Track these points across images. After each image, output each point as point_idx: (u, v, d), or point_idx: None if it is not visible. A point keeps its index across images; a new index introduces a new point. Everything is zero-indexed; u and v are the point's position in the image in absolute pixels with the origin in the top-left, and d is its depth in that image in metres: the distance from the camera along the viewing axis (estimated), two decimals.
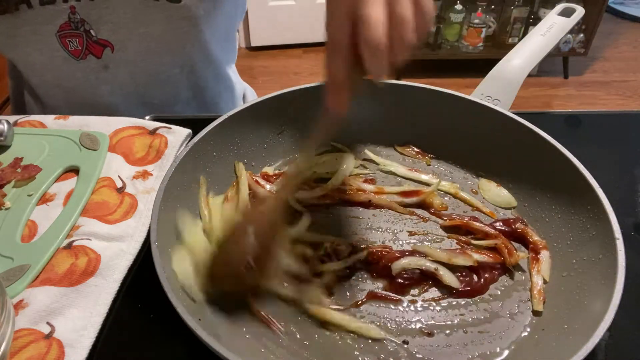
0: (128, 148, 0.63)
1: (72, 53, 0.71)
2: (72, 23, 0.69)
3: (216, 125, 0.56)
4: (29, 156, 0.60)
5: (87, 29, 0.70)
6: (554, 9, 0.67)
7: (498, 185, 0.59)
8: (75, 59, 0.72)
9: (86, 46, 0.71)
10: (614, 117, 0.78)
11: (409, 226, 0.56)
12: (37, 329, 0.43)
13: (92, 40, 0.71)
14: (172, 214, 0.49)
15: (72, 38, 0.70)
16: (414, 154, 0.64)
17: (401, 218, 0.57)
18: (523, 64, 0.61)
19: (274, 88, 0.60)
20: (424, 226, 0.56)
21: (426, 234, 0.55)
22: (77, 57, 0.72)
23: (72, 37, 0.70)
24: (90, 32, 0.70)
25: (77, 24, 0.69)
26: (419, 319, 0.47)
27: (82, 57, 0.72)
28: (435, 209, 0.57)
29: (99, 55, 0.73)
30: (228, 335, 0.45)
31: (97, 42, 0.71)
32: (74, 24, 0.69)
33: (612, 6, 3.15)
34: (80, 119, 0.67)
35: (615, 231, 0.44)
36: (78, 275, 0.47)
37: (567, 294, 0.47)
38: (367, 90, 0.63)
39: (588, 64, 2.72)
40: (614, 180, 0.61)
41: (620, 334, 0.44)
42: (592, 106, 2.45)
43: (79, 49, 0.71)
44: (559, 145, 0.52)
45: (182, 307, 0.39)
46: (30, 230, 0.53)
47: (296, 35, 2.86)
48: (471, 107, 0.59)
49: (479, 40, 2.48)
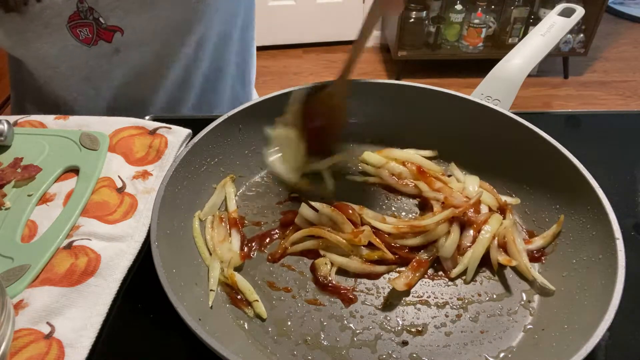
0: (128, 148, 0.63)
1: (84, 41, 0.72)
2: (81, 12, 0.69)
3: (216, 125, 0.56)
4: (29, 156, 0.60)
5: (96, 17, 0.70)
6: (554, 9, 0.67)
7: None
8: (87, 46, 0.73)
9: (96, 33, 0.72)
10: (614, 117, 0.78)
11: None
12: (37, 329, 0.43)
13: (102, 27, 0.72)
14: (172, 214, 0.49)
15: (82, 28, 0.71)
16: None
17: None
18: (523, 64, 0.61)
19: (274, 88, 0.60)
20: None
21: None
22: (88, 44, 0.73)
23: (82, 27, 0.71)
24: (99, 20, 0.71)
25: (85, 12, 0.70)
26: (418, 319, 0.47)
27: (93, 44, 0.73)
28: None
29: (110, 40, 0.73)
30: (228, 335, 0.45)
31: (106, 29, 0.72)
32: (82, 13, 0.69)
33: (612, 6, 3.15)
34: (80, 119, 0.67)
35: (615, 231, 0.44)
36: (78, 275, 0.47)
37: (567, 294, 0.47)
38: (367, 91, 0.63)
39: (588, 64, 2.72)
40: (614, 180, 0.61)
41: (620, 334, 0.44)
42: (592, 106, 2.45)
43: (90, 36, 0.72)
44: (559, 145, 0.52)
45: (182, 307, 0.39)
46: (30, 230, 0.53)
47: (296, 35, 2.86)
48: (471, 107, 0.59)
49: (479, 40, 2.48)
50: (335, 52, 2.83)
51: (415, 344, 0.45)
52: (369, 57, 2.79)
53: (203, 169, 0.56)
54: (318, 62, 2.79)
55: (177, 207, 0.51)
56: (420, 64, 2.53)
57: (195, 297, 0.47)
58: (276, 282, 0.50)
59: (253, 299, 0.48)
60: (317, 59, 2.82)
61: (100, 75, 0.77)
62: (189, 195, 0.54)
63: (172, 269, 0.44)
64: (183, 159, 0.52)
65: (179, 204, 0.51)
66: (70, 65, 0.75)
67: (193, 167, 0.54)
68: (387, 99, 0.63)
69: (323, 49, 2.86)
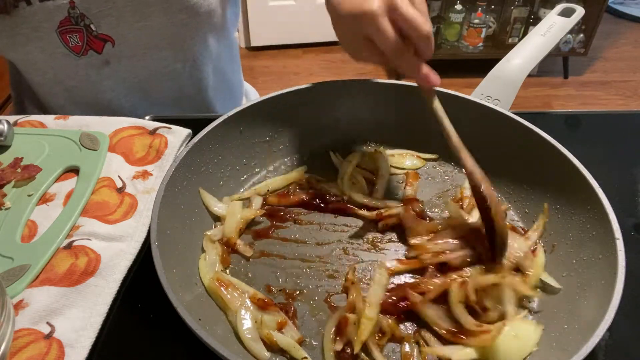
0: (128, 148, 0.63)
1: (73, 49, 0.71)
2: (72, 18, 0.69)
3: (216, 125, 0.56)
4: (29, 156, 0.60)
5: (87, 23, 0.70)
6: (554, 9, 0.67)
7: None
8: (76, 55, 0.72)
9: (87, 41, 0.71)
10: (614, 117, 0.78)
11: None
12: (37, 329, 0.43)
13: (93, 35, 0.71)
14: (172, 214, 0.49)
15: (72, 34, 0.70)
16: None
17: None
18: (523, 64, 0.61)
19: (274, 88, 0.60)
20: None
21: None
22: (77, 53, 0.72)
23: (72, 33, 0.70)
24: (90, 26, 0.70)
25: (77, 18, 0.69)
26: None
27: (83, 53, 0.72)
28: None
29: (100, 51, 0.73)
30: (228, 336, 0.45)
31: (97, 37, 0.71)
32: (74, 19, 0.69)
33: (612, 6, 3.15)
34: (80, 119, 0.67)
35: (615, 231, 0.44)
36: (78, 275, 0.47)
37: (567, 294, 0.47)
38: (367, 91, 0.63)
39: (588, 64, 2.72)
40: (614, 180, 0.61)
41: (620, 334, 0.44)
42: (592, 106, 2.44)
43: (80, 44, 0.71)
44: (559, 145, 0.52)
45: (182, 307, 0.39)
46: (30, 230, 0.53)
47: (296, 35, 2.86)
48: (471, 107, 0.59)
49: (479, 40, 2.48)
50: (335, 52, 2.83)
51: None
52: None
53: (203, 169, 0.56)
54: (318, 62, 2.79)
55: (177, 207, 0.51)
56: None
57: (195, 297, 0.47)
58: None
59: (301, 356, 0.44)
60: (316, 59, 2.82)
61: (89, 86, 0.76)
62: (189, 195, 0.54)
63: (172, 269, 0.44)
64: (183, 159, 0.52)
65: (179, 204, 0.51)
66: (57, 73, 0.74)
67: (193, 167, 0.54)
68: (387, 99, 0.63)
69: (323, 49, 2.86)
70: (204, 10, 0.74)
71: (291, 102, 0.61)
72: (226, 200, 0.57)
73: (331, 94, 0.63)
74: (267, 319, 0.45)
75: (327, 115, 0.64)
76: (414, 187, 0.60)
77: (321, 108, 0.63)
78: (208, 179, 0.57)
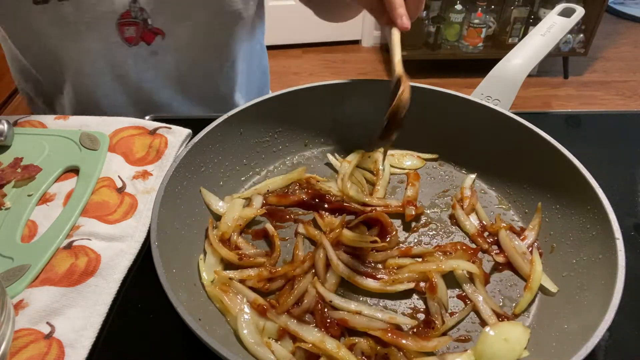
0: (128, 148, 0.63)
1: (127, 40, 0.73)
2: (133, 11, 0.71)
3: (216, 125, 0.56)
4: (29, 156, 0.60)
5: (145, 17, 0.72)
6: (554, 9, 0.67)
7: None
8: (128, 45, 0.74)
9: (141, 34, 0.73)
10: (614, 117, 0.78)
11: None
12: (37, 329, 0.43)
13: (147, 28, 0.73)
14: (172, 214, 0.49)
15: (129, 26, 0.72)
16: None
17: None
18: (523, 64, 0.61)
19: (274, 88, 0.60)
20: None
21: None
22: (130, 43, 0.74)
23: (129, 26, 0.72)
24: (147, 20, 0.72)
25: (137, 12, 0.71)
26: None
27: (135, 44, 0.74)
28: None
29: (150, 42, 0.75)
30: (228, 336, 0.45)
31: (151, 30, 0.73)
32: (134, 12, 0.71)
33: (612, 6, 3.15)
34: (80, 119, 0.67)
35: (615, 231, 0.44)
36: (78, 275, 0.47)
37: (567, 294, 0.47)
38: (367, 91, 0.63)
39: (588, 64, 2.72)
40: (614, 180, 0.61)
41: (620, 334, 0.44)
42: (592, 106, 2.45)
43: (134, 35, 0.73)
44: (559, 145, 0.52)
45: (182, 307, 0.39)
46: (30, 230, 0.53)
47: (296, 35, 2.86)
48: (471, 107, 0.59)
49: (479, 40, 2.48)
50: (335, 52, 2.83)
51: None
52: (369, 57, 2.79)
53: (203, 169, 0.56)
54: (318, 62, 2.79)
55: (177, 207, 0.51)
56: (420, 64, 2.53)
57: (195, 297, 0.47)
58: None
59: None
60: (316, 59, 2.82)
61: (133, 75, 0.78)
62: (189, 195, 0.54)
63: (172, 269, 0.44)
64: (183, 159, 0.52)
65: (179, 204, 0.51)
66: (108, 62, 0.76)
67: (193, 167, 0.54)
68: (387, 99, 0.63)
69: (323, 49, 2.86)
70: (245, 15, 0.78)
71: (291, 102, 0.61)
72: (227, 199, 0.57)
73: (331, 94, 0.63)
74: (268, 326, 0.45)
75: (327, 116, 0.64)
76: (416, 187, 0.60)
77: (321, 108, 0.63)
78: (208, 179, 0.57)
